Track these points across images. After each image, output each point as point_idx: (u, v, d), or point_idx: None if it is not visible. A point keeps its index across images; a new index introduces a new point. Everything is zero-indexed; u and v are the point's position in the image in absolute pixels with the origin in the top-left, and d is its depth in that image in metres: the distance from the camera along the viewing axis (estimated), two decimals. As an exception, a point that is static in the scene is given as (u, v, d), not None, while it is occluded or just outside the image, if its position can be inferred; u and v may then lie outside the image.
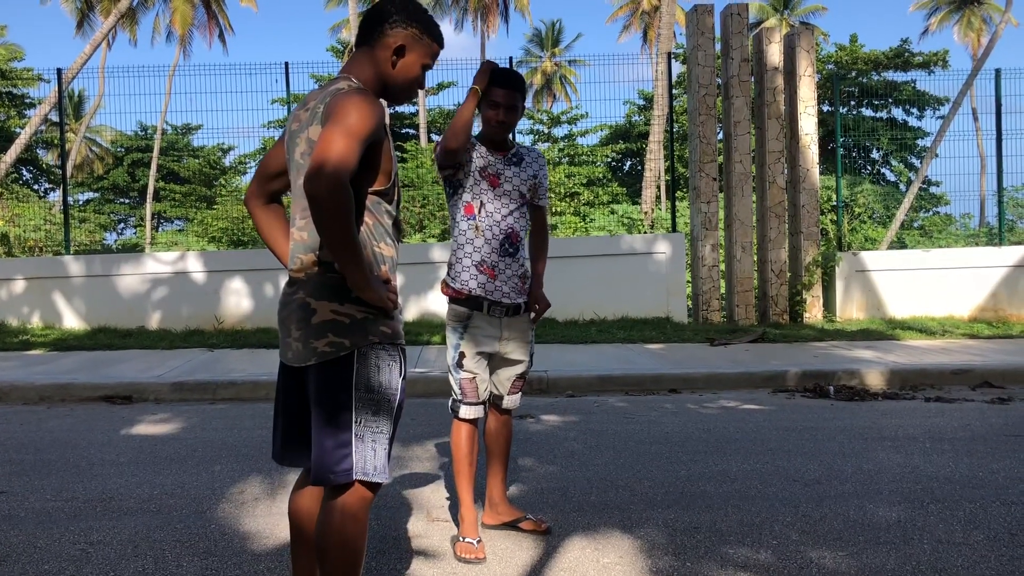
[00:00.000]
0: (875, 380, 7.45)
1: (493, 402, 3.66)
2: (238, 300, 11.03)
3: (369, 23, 2.41)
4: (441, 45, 2.47)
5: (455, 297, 3.50)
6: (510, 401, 3.65)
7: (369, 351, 2.29)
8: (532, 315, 3.62)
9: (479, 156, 3.51)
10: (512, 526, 3.66)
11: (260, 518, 3.87)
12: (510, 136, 3.66)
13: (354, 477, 2.27)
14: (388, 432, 2.34)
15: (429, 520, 3.86)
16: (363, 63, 2.40)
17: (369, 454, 2.28)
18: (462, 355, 3.48)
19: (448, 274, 3.55)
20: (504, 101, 3.46)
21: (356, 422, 2.27)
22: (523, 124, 32.67)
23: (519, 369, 3.62)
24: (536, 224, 3.73)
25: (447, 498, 4.18)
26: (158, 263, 11.24)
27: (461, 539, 3.42)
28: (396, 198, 2.40)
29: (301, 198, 2.33)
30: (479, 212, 3.48)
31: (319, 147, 2.12)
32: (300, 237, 2.34)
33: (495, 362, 3.58)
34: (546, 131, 32.16)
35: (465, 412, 3.51)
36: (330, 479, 2.28)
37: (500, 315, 3.49)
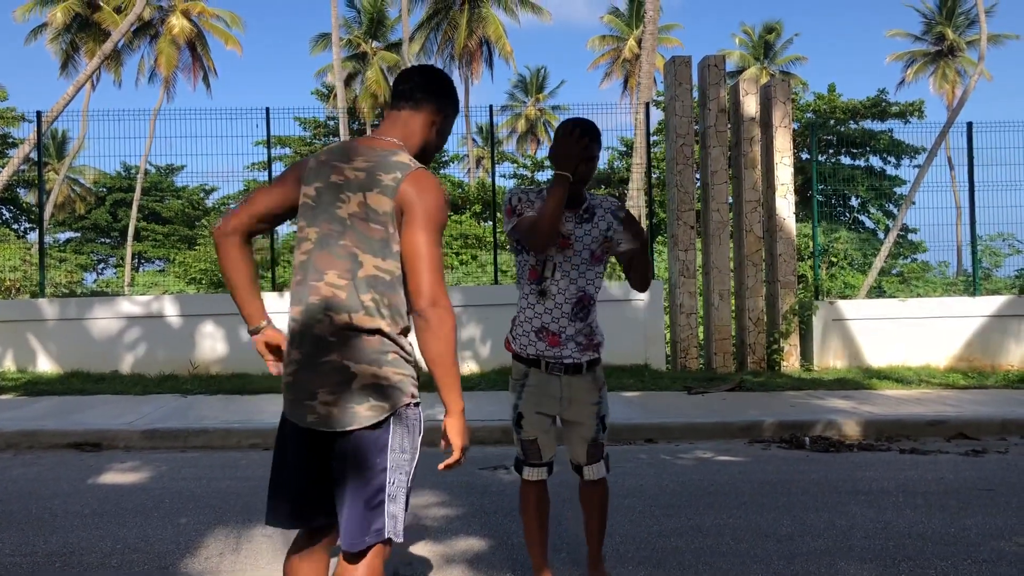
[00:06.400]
0: (851, 431, 7.44)
1: (575, 470, 3.43)
2: (213, 344, 10.93)
3: (423, 91, 2.47)
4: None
5: (515, 354, 3.32)
6: (590, 472, 3.36)
7: (404, 411, 2.31)
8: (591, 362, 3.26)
9: None
10: None
11: (224, 575, 3.79)
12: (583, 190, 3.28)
13: (386, 536, 2.27)
14: (408, 488, 2.36)
15: (395, 577, 3.79)
16: (411, 128, 2.47)
17: (399, 514, 2.30)
18: (520, 416, 3.30)
19: (511, 330, 3.33)
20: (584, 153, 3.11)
21: (390, 483, 2.28)
22: (507, 168, 33.03)
23: (585, 433, 3.32)
24: (630, 261, 3.31)
25: (413, 554, 4.12)
26: (133, 306, 11.15)
27: None
28: None
29: (344, 259, 2.31)
30: (550, 277, 3.19)
31: (434, 269, 2.25)
32: (334, 294, 2.31)
33: (564, 425, 3.35)
34: (529, 175, 32.41)
35: (528, 474, 3.34)
36: (365, 541, 2.26)
37: (560, 373, 3.24)
